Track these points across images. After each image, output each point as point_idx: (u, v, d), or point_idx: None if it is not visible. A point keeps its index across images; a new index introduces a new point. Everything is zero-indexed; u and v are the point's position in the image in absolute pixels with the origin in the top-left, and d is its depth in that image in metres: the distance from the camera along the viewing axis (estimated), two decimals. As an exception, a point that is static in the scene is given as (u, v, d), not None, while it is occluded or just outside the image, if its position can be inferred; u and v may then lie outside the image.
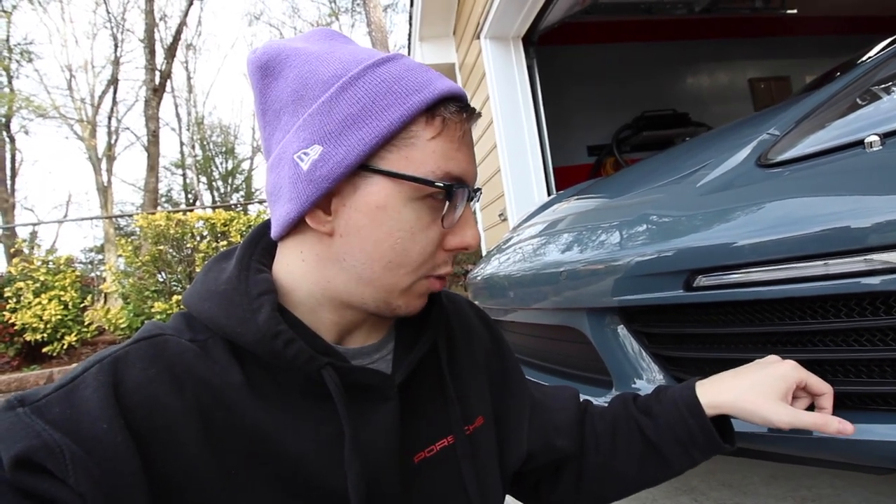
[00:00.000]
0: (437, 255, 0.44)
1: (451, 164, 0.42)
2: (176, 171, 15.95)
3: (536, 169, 2.86)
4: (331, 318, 0.45)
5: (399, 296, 0.44)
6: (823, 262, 0.56)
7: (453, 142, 0.42)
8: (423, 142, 0.41)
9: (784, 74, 4.41)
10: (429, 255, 0.44)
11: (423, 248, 0.43)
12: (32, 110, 11.54)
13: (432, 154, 0.41)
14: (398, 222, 0.41)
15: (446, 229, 0.44)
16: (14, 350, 4.15)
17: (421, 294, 0.46)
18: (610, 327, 0.86)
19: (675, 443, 0.55)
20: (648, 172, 1.09)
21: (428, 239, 0.43)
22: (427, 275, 0.45)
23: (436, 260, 0.44)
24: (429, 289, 0.46)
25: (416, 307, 0.46)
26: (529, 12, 2.68)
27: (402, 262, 0.43)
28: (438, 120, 0.41)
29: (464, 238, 0.45)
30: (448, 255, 0.45)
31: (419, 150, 0.41)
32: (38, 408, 0.33)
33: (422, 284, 0.45)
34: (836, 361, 0.60)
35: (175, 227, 4.17)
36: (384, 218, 0.41)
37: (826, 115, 0.71)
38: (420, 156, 0.41)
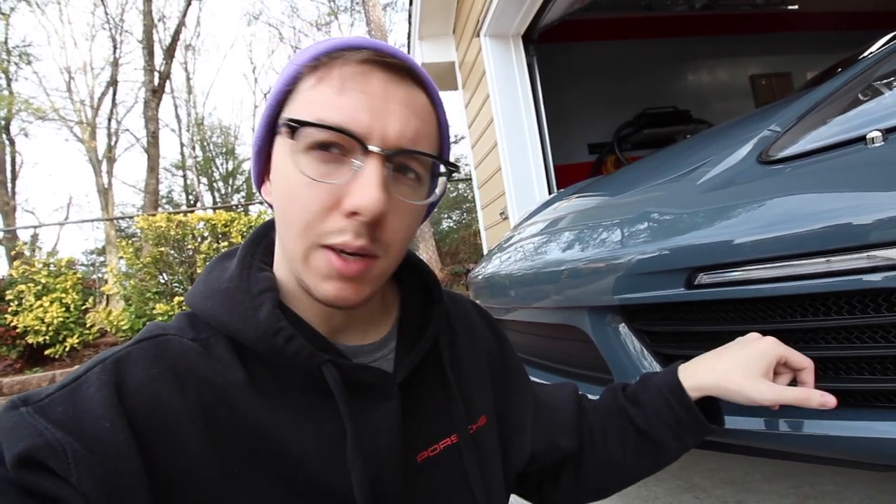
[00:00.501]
0: (329, 218, 0.38)
1: (327, 110, 0.37)
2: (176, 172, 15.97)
3: (537, 167, 2.86)
4: (311, 309, 0.44)
5: (304, 269, 0.40)
6: (825, 259, 0.56)
7: (332, 87, 0.38)
8: (303, 93, 0.40)
9: (785, 71, 4.39)
10: (313, 214, 0.38)
11: (303, 206, 0.38)
12: (32, 113, 11.56)
13: (308, 104, 0.39)
14: (284, 177, 0.40)
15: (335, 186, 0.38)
16: (16, 353, 4.16)
17: (324, 274, 0.39)
18: (611, 326, 0.86)
19: (666, 428, 0.56)
20: (649, 170, 1.09)
21: (310, 196, 0.38)
22: (318, 243, 0.39)
23: (327, 224, 0.38)
24: (328, 266, 0.39)
25: (326, 292, 0.40)
26: (529, 10, 2.67)
27: (289, 221, 0.39)
28: (321, 69, 0.39)
29: (353, 199, 0.37)
30: (346, 223, 0.38)
31: (298, 102, 0.40)
32: (40, 407, 0.33)
33: (318, 259, 0.39)
34: (838, 358, 0.60)
35: (176, 229, 4.18)
36: (279, 177, 0.41)
37: (827, 111, 0.71)
38: (297, 107, 0.39)
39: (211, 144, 16.14)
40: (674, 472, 1.26)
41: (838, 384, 0.59)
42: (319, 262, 0.39)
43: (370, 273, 0.41)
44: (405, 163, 0.41)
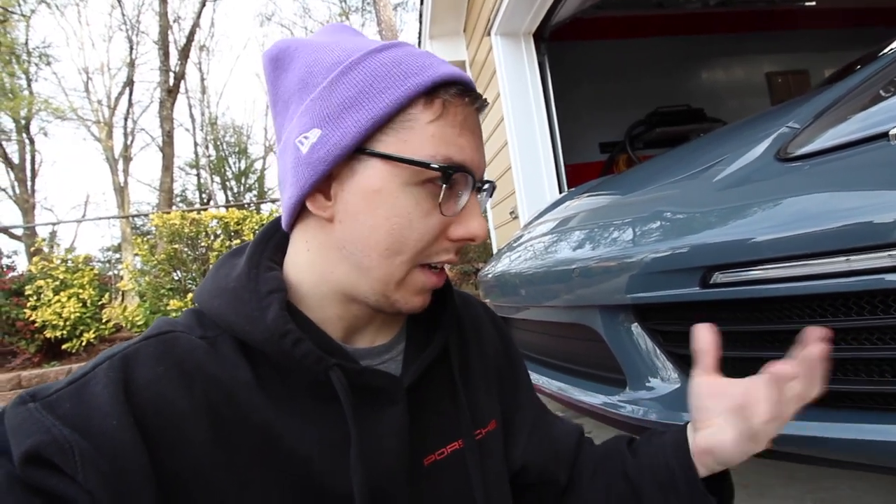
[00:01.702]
0: (437, 243, 0.42)
1: (452, 149, 0.40)
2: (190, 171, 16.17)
3: (548, 166, 2.84)
4: (336, 312, 0.44)
5: (396, 288, 0.42)
6: (845, 258, 0.55)
7: (454, 126, 0.41)
8: (421, 125, 0.40)
9: (802, 68, 4.32)
10: (427, 243, 0.42)
11: (420, 237, 0.41)
12: (51, 112, 11.78)
13: (431, 138, 0.40)
14: (394, 207, 0.40)
15: (448, 218, 0.42)
16: (35, 347, 4.24)
17: (419, 290, 0.44)
18: (624, 325, 0.85)
19: (655, 485, 0.49)
20: (662, 168, 1.08)
21: (426, 227, 0.41)
22: (423, 263, 0.43)
23: (435, 248, 0.43)
24: (425, 283, 0.43)
25: (415, 304, 0.44)
26: (540, 8, 2.66)
27: (399, 250, 0.41)
28: (438, 103, 0.40)
29: (468, 228, 0.42)
30: (451, 245, 0.43)
31: (417, 134, 0.40)
32: (49, 403, 0.33)
33: (417, 278, 0.43)
34: (859, 360, 0.58)
35: (189, 226, 4.22)
36: (380, 202, 0.40)
37: (848, 107, 0.69)
38: (418, 139, 0.40)
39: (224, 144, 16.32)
40: (686, 475, 1.24)
41: (859, 387, 0.58)
42: (418, 280, 0.43)
43: None
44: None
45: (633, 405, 0.82)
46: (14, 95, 10.49)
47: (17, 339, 4.25)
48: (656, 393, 0.79)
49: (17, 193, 12.46)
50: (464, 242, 0.43)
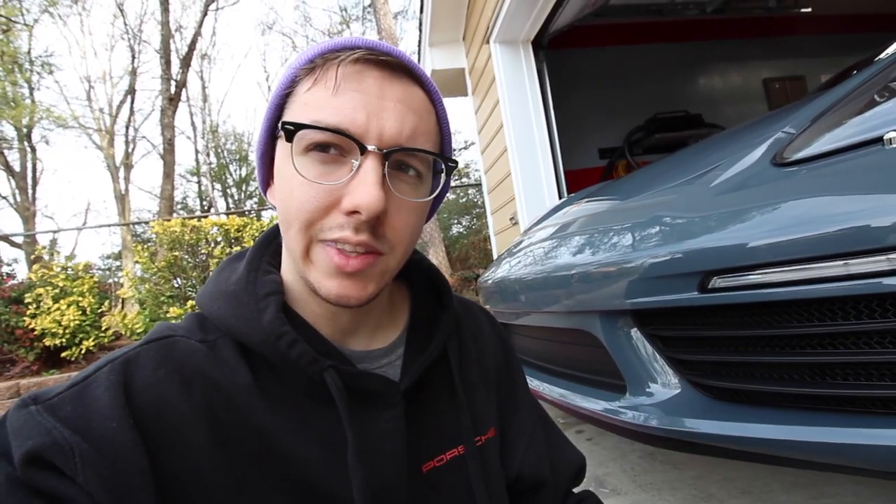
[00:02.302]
0: (327, 216, 0.39)
1: (324, 112, 0.38)
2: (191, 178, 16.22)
3: (547, 172, 2.85)
4: (318, 310, 0.44)
5: (305, 266, 0.40)
6: (843, 262, 0.55)
7: (328, 89, 0.38)
8: (299, 96, 0.40)
9: (799, 74, 4.34)
10: (311, 213, 0.38)
11: (299, 205, 0.38)
12: (53, 121, 11.84)
13: (304, 106, 0.39)
14: (283, 179, 0.41)
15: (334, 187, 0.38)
16: (34, 355, 4.23)
17: (327, 271, 0.39)
18: (623, 330, 0.85)
19: None
20: (660, 174, 1.08)
21: (306, 195, 0.38)
22: (318, 238, 0.39)
23: (325, 222, 0.39)
24: (329, 262, 0.39)
25: (330, 289, 0.39)
26: (539, 16, 2.68)
27: (289, 220, 0.40)
28: (317, 71, 0.39)
29: (352, 198, 0.37)
30: (344, 220, 0.38)
31: (295, 105, 0.40)
32: (50, 406, 0.33)
33: (318, 254, 0.40)
34: (858, 364, 0.58)
35: (190, 234, 4.23)
36: (280, 180, 0.42)
37: (843, 112, 0.70)
38: (295, 111, 0.40)
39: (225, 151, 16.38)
40: (689, 482, 1.23)
41: (859, 391, 0.58)
42: (320, 257, 0.39)
43: (373, 269, 0.40)
44: (404, 160, 0.40)
45: (633, 411, 0.82)
46: (16, 104, 10.55)
47: (16, 348, 4.24)
48: (656, 398, 0.79)
49: (18, 201, 12.50)
50: (353, 216, 0.38)
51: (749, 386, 0.68)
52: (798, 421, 0.62)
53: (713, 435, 0.70)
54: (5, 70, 10.35)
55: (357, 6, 15.50)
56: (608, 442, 1.58)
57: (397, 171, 0.40)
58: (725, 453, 0.71)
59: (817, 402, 0.62)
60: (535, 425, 0.57)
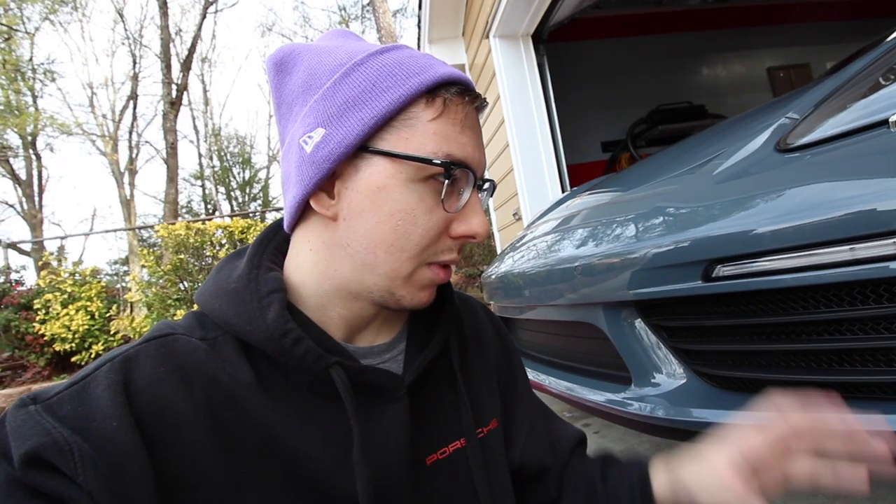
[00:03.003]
0: (440, 241, 0.43)
1: (453, 146, 0.41)
2: (195, 182, 16.30)
3: (550, 167, 2.84)
4: (339, 311, 0.44)
5: (402, 284, 0.43)
6: (849, 247, 0.54)
7: (455, 124, 0.41)
8: (422, 123, 0.41)
9: (804, 62, 4.30)
10: (431, 239, 0.42)
11: (424, 232, 0.42)
12: (57, 128, 11.92)
13: (433, 135, 0.41)
14: (398, 203, 0.41)
15: (451, 214, 0.43)
16: (44, 360, 4.28)
17: (425, 285, 0.44)
18: (627, 322, 0.84)
19: None
20: (663, 164, 1.07)
21: (430, 222, 0.42)
22: (429, 261, 0.43)
23: (439, 246, 0.43)
24: (432, 279, 0.44)
25: (421, 300, 0.44)
26: (538, 9, 2.66)
27: (404, 246, 0.41)
28: (439, 101, 0.41)
29: (470, 225, 0.43)
30: (453, 243, 0.44)
31: (419, 132, 0.40)
32: (49, 405, 0.33)
33: (424, 274, 0.44)
34: (866, 350, 0.58)
35: (195, 237, 4.25)
36: (384, 199, 0.41)
37: (847, 96, 0.69)
38: (420, 137, 0.40)
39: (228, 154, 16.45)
40: (697, 473, 1.23)
41: (866, 377, 0.57)
42: (425, 276, 0.44)
43: None
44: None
45: (639, 402, 0.81)
46: (20, 112, 10.63)
47: (27, 353, 4.29)
48: (662, 389, 0.79)
49: (25, 209, 12.61)
50: (465, 240, 0.44)
51: (755, 374, 0.68)
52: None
53: (720, 424, 0.69)
54: (8, 78, 10.43)
55: (356, 5, 15.50)
56: (615, 434, 1.58)
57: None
58: (733, 443, 0.70)
59: (825, 390, 0.62)
60: (535, 414, 0.58)
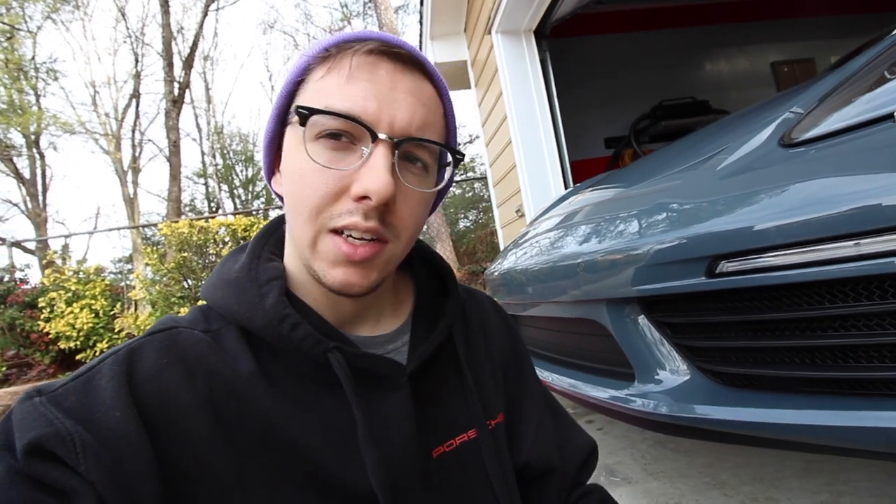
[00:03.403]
0: (338, 203, 0.39)
1: (335, 98, 0.38)
2: (198, 180, 16.33)
3: (552, 163, 2.83)
4: (320, 298, 0.44)
5: (311, 256, 0.40)
6: (854, 243, 0.54)
7: (341, 77, 0.39)
8: (312, 83, 0.41)
9: (808, 56, 4.26)
10: (322, 199, 0.38)
11: (312, 192, 0.39)
12: (60, 127, 11.95)
13: (317, 93, 0.40)
14: (293, 164, 0.41)
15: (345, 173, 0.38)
16: (49, 358, 4.31)
17: (333, 260, 0.40)
18: (630, 318, 0.84)
19: None
20: (666, 160, 1.07)
21: (318, 181, 0.38)
22: (327, 227, 0.39)
23: (335, 209, 0.39)
24: (336, 252, 0.39)
25: (336, 278, 0.40)
26: (540, 5, 2.65)
27: (298, 208, 0.40)
28: (330, 60, 0.40)
29: (362, 183, 0.38)
30: (353, 206, 0.39)
31: (308, 92, 0.41)
32: (54, 397, 0.34)
33: (327, 244, 0.40)
34: (871, 346, 0.57)
35: (198, 235, 4.27)
36: (289, 165, 0.42)
37: (852, 90, 0.68)
38: (307, 97, 0.40)
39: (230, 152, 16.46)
40: (700, 469, 1.23)
41: (872, 373, 0.57)
42: (328, 246, 0.40)
43: (379, 258, 0.41)
44: (412, 151, 0.41)
45: (642, 399, 0.81)
46: (23, 111, 10.67)
47: (31, 351, 4.32)
48: (665, 386, 0.79)
49: (29, 208, 12.67)
50: (362, 202, 0.38)
51: (759, 371, 0.67)
52: (810, 405, 0.61)
53: (723, 421, 0.69)
54: (11, 77, 10.46)
55: (357, 2, 15.46)
56: (618, 431, 1.58)
57: (405, 162, 0.41)
58: (736, 439, 0.70)
59: (829, 386, 0.61)
60: (543, 412, 0.57)
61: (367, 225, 0.39)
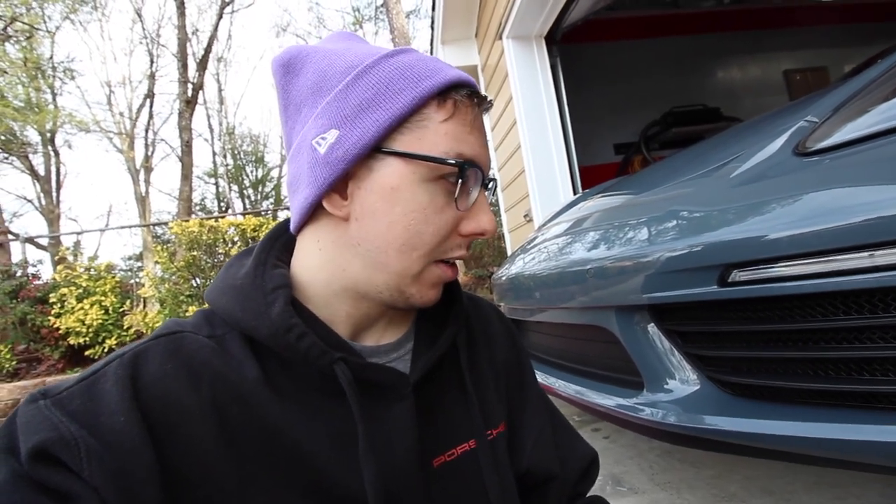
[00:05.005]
0: (450, 239, 0.44)
1: (464, 146, 0.42)
2: (209, 180, 16.49)
3: (562, 169, 2.83)
4: (346, 309, 0.45)
5: (412, 283, 0.44)
6: (869, 254, 0.53)
7: (465, 125, 0.43)
8: (434, 124, 0.42)
9: (821, 65, 4.23)
10: (442, 237, 0.43)
11: (436, 230, 0.42)
12: (75, 125, 12.12)
13: (444, 136, 0.42)
14: (411, 203, 0.41)
15: (461, 212, 0.44)
16: (59, 353, 4.35)
17: (434, 283, 0.45)
18: (640, 326, 0.84)
19: None
20: (678, 167, 1.06)
21: (442, 221, 0.43)
22: (439, 258, 0.44)
23: (449, 244, 0.44)
24: (441, 276, 0.45)
25: (430, 297, 0.45)
26: (552, 11, 2.65)
27: (415, 245, 0.42)
28: (450, 103, 0.42)
29: (479, 223, 0.44)
30: (462, 241, 0.45)
31: (431, 132, 0.41)
32: (58, 400, 0.34)
33: (433, 272, 0.44)
34: (887, 359, 0.56)
35: (208, 234, 4.30)
36: (398, 199, 0.41)
37: (867, 100, 0.67)
38: (432, 137, 0.41)
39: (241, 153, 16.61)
40: (708, 481, 1.21)
41: (886, 387, 0.56)
42: (434, 274, 0.45)
43: None
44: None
45: (651, 408, 0.80)
46: (40, 109, 10.83)
47: (42, 346, 4.36)
48: (675, 395, 0.78)
49: (43, 204, 12.85)
50: (474, 237, 0.45)
51: (770, 382, 0.67)
52: (822, 418, 0.60)
53: (733, 432, 0.68)
54: (29, 76, 10.63)
55: (370, 6, 15.58)
56: (625, 440, 1.56)
57: None
58: (746, 451, 0.69)
59: (842, 399, 0.61)
60: (544, 420, 0.57)
61: (468, 253, 0.47)
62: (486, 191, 0.46)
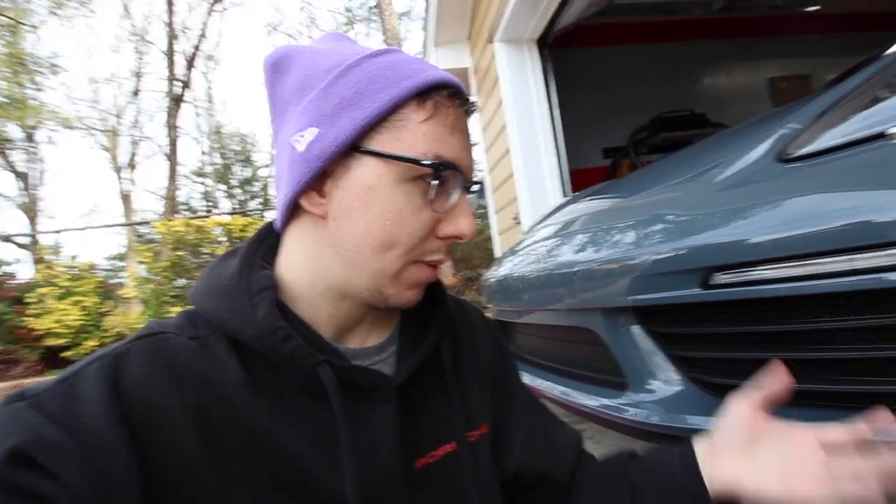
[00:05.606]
0: (428, 241, 0.43)
1: (444, 147, 0.42)
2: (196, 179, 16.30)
3: (551, 172, 2.85)
4: (329, 310, 0.44)
5: (390, 283, 0.43)
6: (847, 258, 0.54)
7: (445, 126, 0.42)
8: (413, 124, 0.41)
9: (805, 73, 4.32)
10: (418, 239, 0.43)
11: (412, 231, 0.42)
12: (59, 122, 11.90)
13: (423, 136, 0.41)
14: (388, 203, 0.41)
15: (439, 214, 0.43)
16: (37, 354, 4.27)
17: (412, 284, 0.45)
18: (625, 328, 0.85)
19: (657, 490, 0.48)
20: (664, 172, 1.08)
21: (419, 222, 0.42)
22: (417, 259, 0.44)
23: (427, 246, 0.43)
24: (419, 278, 0.44)
25: (408, 298, 0.45)
26: (544, 14, 2.67)
27: (392, 246, 0.42)
28: (430, 104, 0.41)
29: (457, 226, 0.43)
30: (441, 244, 0.44)
31: (410, 132, 0.41)
32: (37, 402, 0.33)
33: (412, 272, 0.44)
34: (863, 360, 0.58)
35: (195, 234, 4.25)
36: (374, 199, 0.41)
37: (848, 107, 0.69)
38: (411, 137, 0.41)
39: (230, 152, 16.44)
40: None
41: (863, 387, 0.57)
42: (412, 275, 0.44)
43: None
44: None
45: (634, 408, 0.81)
46: (22, 105, 10.62)
47: (18, 348, 4.27)
48: (657, 395, 0.79)
49: (23, 202, 12.59)
50: (453, 240, 0.44)
51: (751, 383, 0.68)
52: (801, 417, 0.61)
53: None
54: (12, 71, 10.43)
55: (362, 7, 15.54)
56: (609, 440, 1.58)
57: None
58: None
59: (820, 399, 0.62)
60: (533, 421, 0.57)
61: (447, 257, 0.46)
62: (469, 194, 0.46)
